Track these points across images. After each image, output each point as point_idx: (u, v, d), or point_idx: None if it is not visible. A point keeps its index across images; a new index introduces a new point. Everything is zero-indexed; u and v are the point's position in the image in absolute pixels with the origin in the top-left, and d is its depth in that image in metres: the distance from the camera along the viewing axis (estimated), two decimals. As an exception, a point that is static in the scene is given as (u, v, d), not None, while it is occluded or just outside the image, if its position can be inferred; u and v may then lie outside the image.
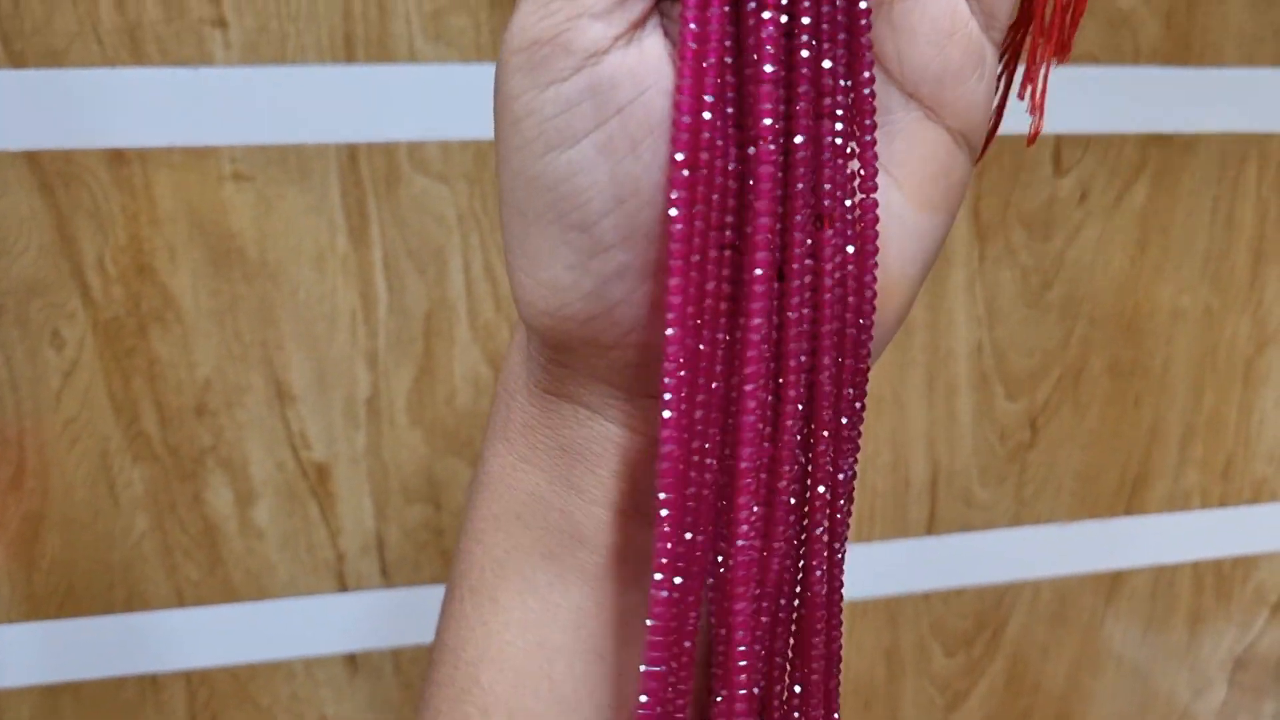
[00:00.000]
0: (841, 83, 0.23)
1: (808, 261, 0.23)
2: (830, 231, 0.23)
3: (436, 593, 0.70)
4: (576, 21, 0.20)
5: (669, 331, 0.21)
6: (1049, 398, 0.74)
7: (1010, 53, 0.27)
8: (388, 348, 0.64)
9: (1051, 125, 0.68)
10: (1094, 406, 0.75)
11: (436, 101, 0.60)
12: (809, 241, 0.23)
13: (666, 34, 0.22)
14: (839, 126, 0.23)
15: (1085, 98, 0.67)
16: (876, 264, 0.24)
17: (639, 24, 0.21)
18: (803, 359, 0.23)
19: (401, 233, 0.62)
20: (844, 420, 0.24)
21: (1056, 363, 0.74)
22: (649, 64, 0.21)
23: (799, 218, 0.23)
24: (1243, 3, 0.68)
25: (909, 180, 0.24)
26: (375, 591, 0.69)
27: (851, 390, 0.24)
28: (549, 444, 0.25)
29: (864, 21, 0.22)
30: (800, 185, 0.22)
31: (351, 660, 0.71)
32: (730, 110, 0.22)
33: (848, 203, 0.23)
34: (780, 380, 0.23)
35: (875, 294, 0.24)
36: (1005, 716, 0.83)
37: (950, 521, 0.76)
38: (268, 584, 0.67)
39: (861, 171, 0.23)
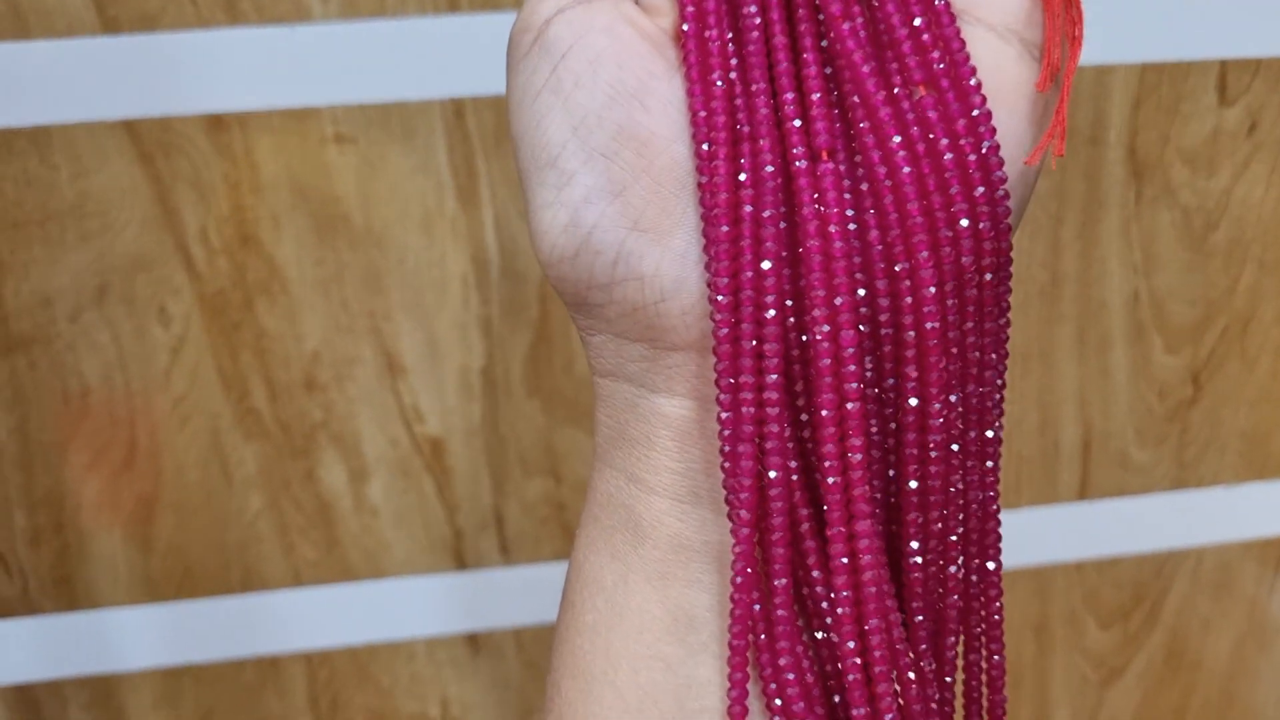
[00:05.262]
0: None
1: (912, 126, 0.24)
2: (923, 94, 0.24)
3: (559, 570, 0.67)
4: (537, 6, 0.25)
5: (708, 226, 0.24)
6: (1213, 350, 0.69)
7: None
8: (501, 314, 0.61)
9: (1216, 49, 0.61)
10: (1263, 359, 0.69)
11: (545, 50, 0.56)
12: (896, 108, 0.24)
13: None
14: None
15: (1253, 17, 0.61)
16: (988, 114, 0.24)
17: None
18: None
19: (513, 191, 0.58)
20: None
21: (1222, 312, 0.68)
22: (590, 15, 0.24)
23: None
24: None
25: None
26: (495, 570, 0.66)
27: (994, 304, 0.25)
28: (612, 434, 0.26)
29: None
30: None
31: (473, 640, 0.68)
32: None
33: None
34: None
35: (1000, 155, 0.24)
36: (1164, 694, 0.78)
37: (1104, 486, 0.71)
38: (385, 563, 0.65)
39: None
